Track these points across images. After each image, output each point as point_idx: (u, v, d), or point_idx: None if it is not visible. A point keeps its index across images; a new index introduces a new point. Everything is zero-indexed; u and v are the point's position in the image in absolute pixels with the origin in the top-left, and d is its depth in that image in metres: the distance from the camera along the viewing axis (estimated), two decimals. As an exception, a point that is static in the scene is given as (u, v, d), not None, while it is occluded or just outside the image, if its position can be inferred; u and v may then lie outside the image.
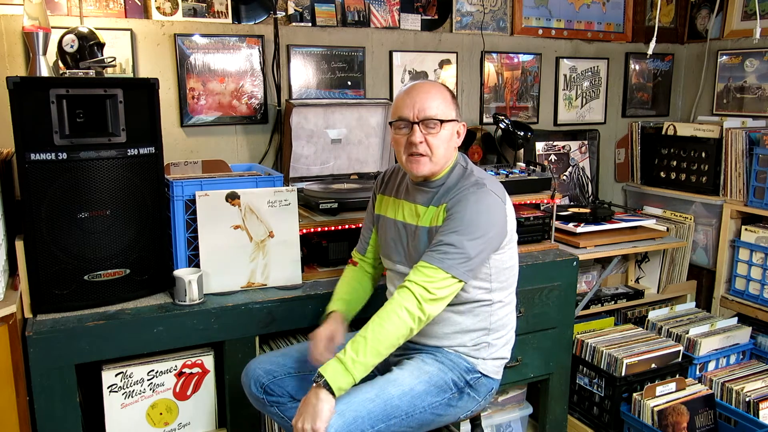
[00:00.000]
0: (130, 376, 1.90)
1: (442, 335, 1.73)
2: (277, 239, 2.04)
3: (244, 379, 1.77)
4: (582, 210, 3.00)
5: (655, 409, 2.45)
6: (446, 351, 1.73)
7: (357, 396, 1.56)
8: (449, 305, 1.64)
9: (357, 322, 1.80)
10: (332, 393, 1.47)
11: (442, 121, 1.64)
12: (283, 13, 2.61)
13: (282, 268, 2.06)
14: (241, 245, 2.01)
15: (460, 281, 1.58)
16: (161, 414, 1.97)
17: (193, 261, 2.01)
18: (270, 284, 2.06)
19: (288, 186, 2.09)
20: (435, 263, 1.55)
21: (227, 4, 2.51)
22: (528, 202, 2.57)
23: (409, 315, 1.52)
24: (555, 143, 3.30)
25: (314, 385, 1.48)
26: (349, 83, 2.78)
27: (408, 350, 1.76)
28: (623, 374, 2.56)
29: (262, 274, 2.05)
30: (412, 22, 2.89)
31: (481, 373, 1.73)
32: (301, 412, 1.48)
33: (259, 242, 2.02)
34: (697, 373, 2.79)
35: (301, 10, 2.64)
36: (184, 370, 1.97)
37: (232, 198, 1.97)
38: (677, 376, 2.65)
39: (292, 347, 1.88)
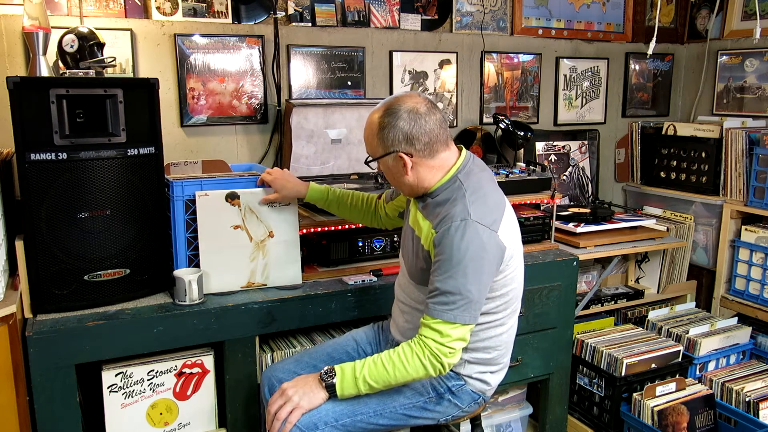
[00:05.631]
0: (130, 376, 1.90)
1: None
2: (277, 239, 2.04)
3: (261, 386, 1.87)
4: (582, 210, 3.00)
5: (655, 409, 2.45)
6: None
7: None
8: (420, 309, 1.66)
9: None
10: (332, 393, 1.57)
11: (373, 159, 1.66)
12: (283, 13, 2.61)
13: (282, 268, 2.06)
14: (241, 245, 2.01)
15: (471, 325, 1.55)
16: (161, 414, 1.97)
17: (193, 261, 2.01)
18: (270, 284, 2.06)
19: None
20: (442, 317, 1.51)
21: (227, 4, 2.51)
22: (528, 202, 2.57)
23: (432, 367, 1.53)
24: (555, 143, 3.30)
25: (323, 375, 1.58)
26: (349, 83, 2.78)
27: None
28: (623, 374, 2.56)
29: (262, 274, 2.05)
30: (412, 22, 2.89)
31: (465, 382, 1.71)
32: (297, 385, 1.59)
33: (259, 242, 2.02)
34: (697, 373, 2.79)
35: (301, 10, 2.64)
36: (184, 370, 1.97)
37: (232, 198, 1.97)
38: (677, 376, 2.65)
39: (305, 353, 1.92)
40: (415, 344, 1.54)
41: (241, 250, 2.01)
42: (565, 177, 3.34)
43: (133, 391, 1.92)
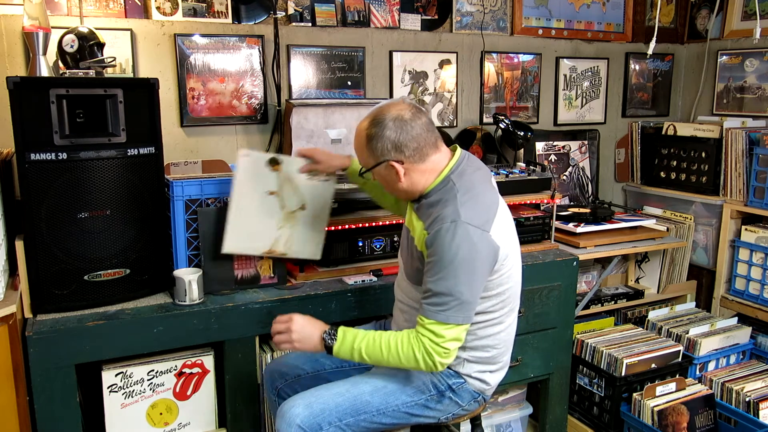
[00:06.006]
0: (130, 376, 1.90)
1: None
2: (308, 212, 2.02)
3: (264, 382, 1.91)
4: (582, 210, 3.00)
5: (655, 409, 2.45)
6: None
7: (328, 390, 1.65)
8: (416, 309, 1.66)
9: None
10: (329, 350, 1.60)
11: (366, 170, 1.66)
12: (283, 13, 2.61)
13: (306, 241, 2.05)
14: (272, 212, 1.98)
15: (465, 325, 1.56)
16: (161, 414, 1.97)
17: (193, 261, 2.01)
18: (290, 255, 2.05)
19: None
20: (436, 317, 1.52)
21: (227, 4, 2.51)
22: (528, 202, 2.57)
23: (424, 363, 1.54)
24: (555, 143, 3.30)
25: (326, 333, 1.60)
26: (349, 83, 2.78)
27: None
28: (623, 374, 2.56)
29: (285, 244, 2.03)
30: (412, 22, 2.89)
31: (465, 380, 1.71)
32: (304, 327, 1.62)
33: (290, 213, 2.01)
34: (697, 373, 2.79)
35: (301, 10, 2.64)
36: (184, 370, 1.97)
37: (273, 163, 1.94)
38: (677, 376, 2.65)
39: None
40: (413, 337, 1.55)
41: (272, 216, 1.98)
42: (565, 177, 3.34)
43: (133, 391, 1.92)
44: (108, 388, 1.88)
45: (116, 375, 1.89)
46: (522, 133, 2.90)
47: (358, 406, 1.63)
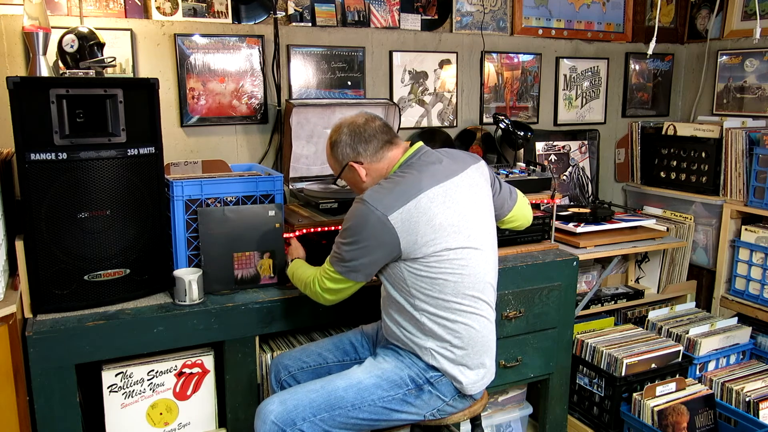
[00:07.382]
0: (130, 376, 1.90)
1: (389, 331, 1.77)
2: None
3: (269, 373, 1.98)
4: (582, 210, 3.00)
5: (655, 409, 2.45)
6: (405, 350, 1.75)
7: (304, 387, 1.70)
8: (390, 299, 1.74)
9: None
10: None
11: (337, 176, 1.85)
12: (283, 13, 2.61)
13: None
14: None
15: (347, 279, 1.71)
16: (161, 414, 1.97)
17: (193, 261, 2.01)
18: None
19: (288, 186, 2.09)
20: (330, 258, 1.74)
21: (227, 4, 2.51)
22: (528, 202, 2.57)
23: (311, 288, 1.80)
24: (555, 143, 3.30)
25: (290, 260, 2.00)
26: (349, 83, 2.78)
27: (377, 347, 1.85)
28: (623, 374, 2.56)
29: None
30: (412, 22, 2.89)
31: (443, 374, 1.71)
32: (294, 247, 2.05)
33: None
34: (697, 373, 2.79)
35: (301, 10, 2.64)
36: (184, 370, 1.97)
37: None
38: (677, 376, 2.65)
39: (312, 343, 2.00)
40: (317, 268, 1.81)
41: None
42: (565, 177, 3.34)
43: (133, 391, 1.92)
44: (108, 388, 1.88)
45: (116, 375, 1.89)
46: (522, 133, 2.90)
47: (332, 402, 1.65)
